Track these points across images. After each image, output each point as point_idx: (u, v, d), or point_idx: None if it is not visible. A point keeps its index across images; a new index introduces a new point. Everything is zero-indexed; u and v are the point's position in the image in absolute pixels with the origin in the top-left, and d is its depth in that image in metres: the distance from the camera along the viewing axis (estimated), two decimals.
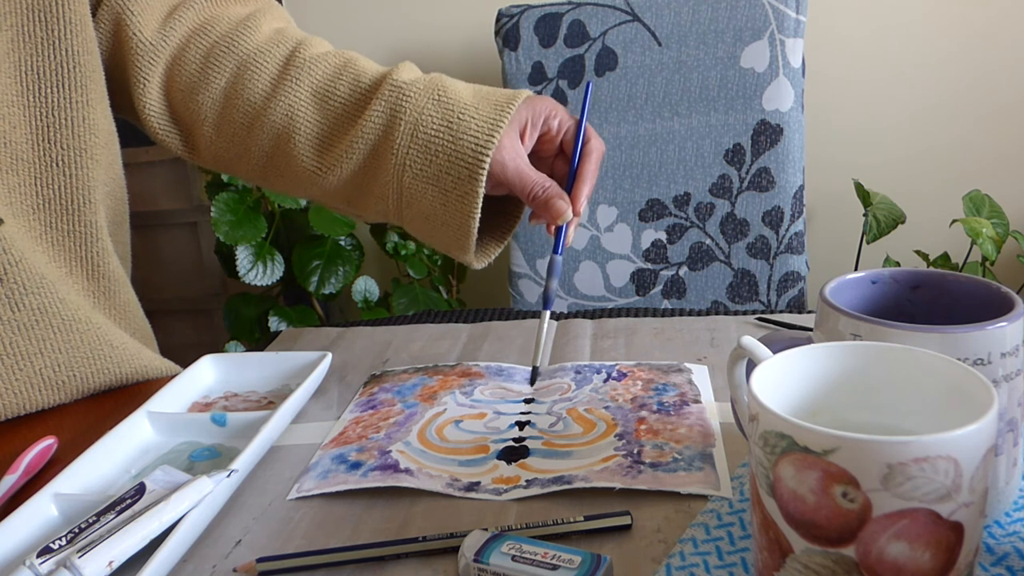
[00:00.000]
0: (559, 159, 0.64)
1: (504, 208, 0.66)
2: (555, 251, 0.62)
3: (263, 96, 0.64)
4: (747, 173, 1.21)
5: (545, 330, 0.63)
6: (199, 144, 0.69)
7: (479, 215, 0.59)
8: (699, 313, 0.78)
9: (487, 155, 0.58)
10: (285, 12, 0.73)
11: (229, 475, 0.47)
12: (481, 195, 0.59)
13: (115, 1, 0.67)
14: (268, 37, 0.67)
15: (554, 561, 0.39)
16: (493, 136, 0.58)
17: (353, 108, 0.63)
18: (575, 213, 0.60)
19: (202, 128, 0.68)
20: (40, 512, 0.47)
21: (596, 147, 0.62)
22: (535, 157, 0.63)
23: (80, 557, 0.40)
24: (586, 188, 0.61)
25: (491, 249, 0.65)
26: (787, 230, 1.21)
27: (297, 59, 0.65)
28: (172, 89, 0.68)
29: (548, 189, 0.59)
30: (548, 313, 0.63)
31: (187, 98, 0.67)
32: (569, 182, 0.61)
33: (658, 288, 1.26)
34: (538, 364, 0.63)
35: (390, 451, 0.53)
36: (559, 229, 0.62)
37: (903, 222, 1.31)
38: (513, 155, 0.59)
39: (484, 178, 0.58)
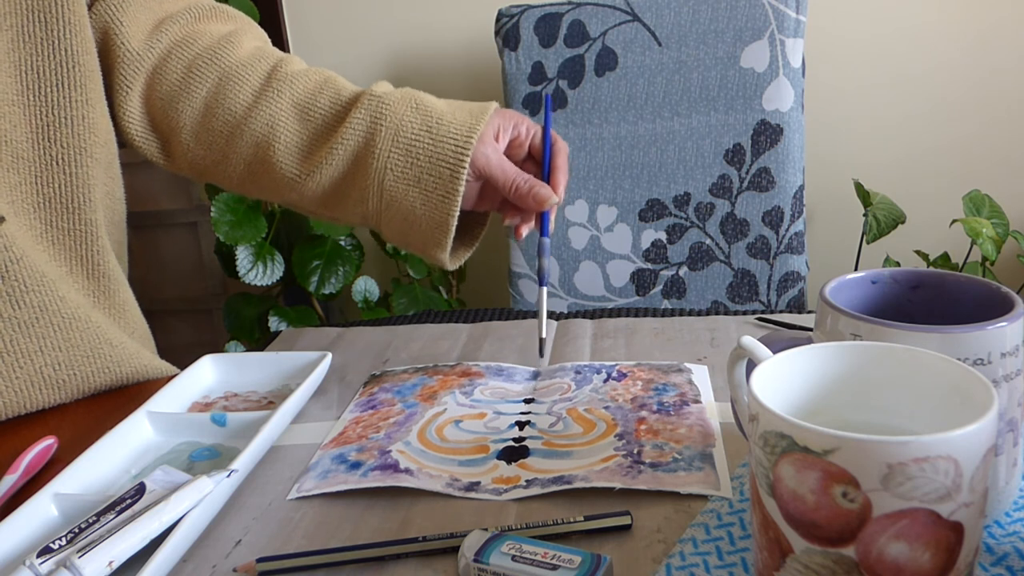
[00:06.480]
0: (528, 163, 0.68)
1: (469, 219, 0.70)
2: (543, 234, 0.67)
3: (244, 107, 0.66)
4: (747, 173, 1.21)
5: (545, 304, 0.66)
6: (175, 152, 0.71)
7: (458, 213, 0.63)
8: (699, 313, 0.78)
9: (467, 156, 0.62)
10: (264, 33, 0.76)
11: (229, 475, 0.47)
12: (461, 193, 0.62)
13: (104, 11, 0.68)
14: (250, 53, 0.69)
15: (554, 561, 0.39)
16: (471, 138, 0.62)
17: (333, 119, 0.65)
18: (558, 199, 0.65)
19: (179, 136, 0.69)
20: (40, 512, 0.47)
21: (563, 147, 0.67)
22: None
23: (80, 557, 0.40)
24: (562, 177, 0.66)
25: (461, 253, 0.69)
26: (787, 230, 1.21)
27: (279, 73, 0.67)
28: (152, 97, 0.69)
29: (530, 179, 0.64)
30: (545, 289, 0.66)
31: (167, 107, 0.69)
32: (545, 175, 0.66)
33: (658, 288, 1.26)
34: (543, 335, 0.65)
35: (390, 451, 0.53)
36: (544, 215, 0.66)
37: (903, 222, 1.31)
38: (494, 150, 0.64)
39: (464, 177, 0.62)
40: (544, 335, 0.65)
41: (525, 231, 0.67)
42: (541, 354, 0.65)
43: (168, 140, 0.71)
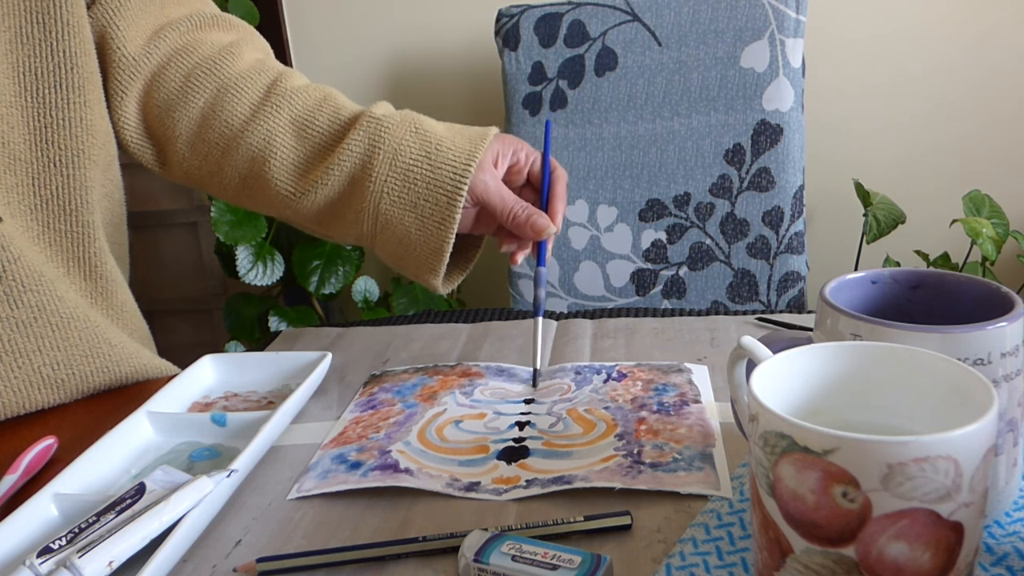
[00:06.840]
0: (526, 189, 0.67)
1: (465, 241, 0.69)
2: (539, 264, 0.66)
3: (242, 120, 0.66)
4: (747, 173, 1.21)
5: (540, 335, 0.64)
6: (171, 160, 0.71)
7: (453, 240, 0.62)
8: (699, 313, 0.78)
9: (465, 183, 0.61)
10: (266, 44, 0.75)
11: (229, 475, 0.47)
12: (458, 221, 0.62)
13: (102, 15, 0.67)
14: (250, 65, 0.69)
15: (554, 561, 0.39)
16: (470, 165, 0.62)
17: (331, 138, 0.65)
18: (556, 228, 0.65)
19: (175, 145, 0.69)
20: (40, 512, 0.47)
21: (562, 174, 0.67)
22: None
23: (80, 557, 0.40)
24: (561, 206, 0.65)
25: (454, 277, 0.68)
26: (787, 230, 1.21)
27: (278, 88, 0.67)
28: (149, 105, 0.69)
29: (528, 208, 0.63)
30: (541, 319, 0.65)
31: (163, 115, 0.68)
32: (543, 202, 0.65)
33: (658, 288, 1.26)
34: (538, 367, 0.64)
35: (390, 451, 0.53)
36: (541, 244, 0.66)
37: (903, 222, 1.31)
38: (493, 177, 0.63)
39: (461, 205, 0.62)
40: (538, 366, 0.64)
41: (521, 257, 0.67)
42: (535, 384, 0.63)
43: (164, 148, 0.71)
